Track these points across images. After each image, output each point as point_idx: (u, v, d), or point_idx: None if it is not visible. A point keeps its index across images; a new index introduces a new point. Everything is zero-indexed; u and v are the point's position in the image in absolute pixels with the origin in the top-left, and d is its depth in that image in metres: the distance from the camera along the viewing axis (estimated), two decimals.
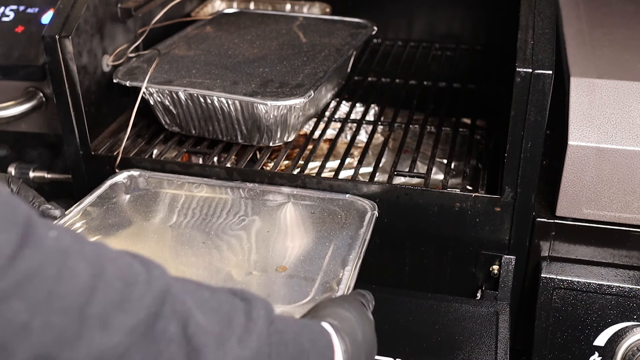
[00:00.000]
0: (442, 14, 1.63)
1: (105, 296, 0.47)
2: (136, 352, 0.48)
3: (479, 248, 1.05)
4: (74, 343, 0.45)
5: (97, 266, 0.47)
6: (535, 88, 0.93)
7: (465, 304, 0.99)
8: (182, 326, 0.51)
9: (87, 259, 0.47)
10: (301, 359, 0.60)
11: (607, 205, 0.98)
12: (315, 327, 0.66)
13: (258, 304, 0.58)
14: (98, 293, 0.46)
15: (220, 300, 0.57)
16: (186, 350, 0.51)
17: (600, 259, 1.02)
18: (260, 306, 0.58)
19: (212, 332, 0.53)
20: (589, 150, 0.95)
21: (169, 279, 0.52)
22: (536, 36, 0.97)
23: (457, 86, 1.41)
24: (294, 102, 1.08)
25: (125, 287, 0.48)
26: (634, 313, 0.99)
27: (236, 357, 0.53)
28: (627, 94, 0.97)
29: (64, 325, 0.44)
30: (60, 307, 0.44)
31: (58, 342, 0.44)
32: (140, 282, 0.49)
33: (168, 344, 0.50)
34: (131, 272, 0.50)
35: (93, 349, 0.45)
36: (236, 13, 1.50)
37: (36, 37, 1.24)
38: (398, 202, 1.05)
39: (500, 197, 1.01)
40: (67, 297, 0.45)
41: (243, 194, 1.07)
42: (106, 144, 1.19)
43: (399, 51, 1.60)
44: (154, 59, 1.21)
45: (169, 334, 0.50)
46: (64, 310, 0.45)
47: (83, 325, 0.45)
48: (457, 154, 1.19)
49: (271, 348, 0.57)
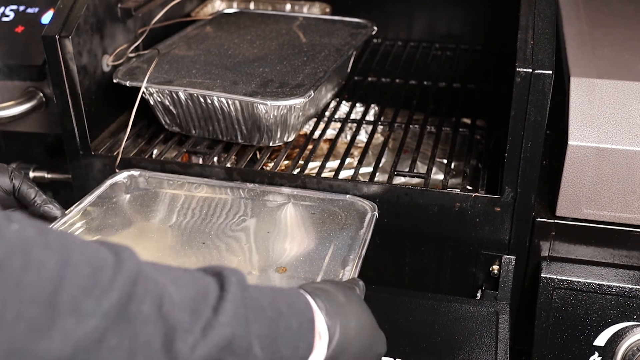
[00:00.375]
0: (442, 14, 1.63)
1: (75, 283, 0.46)
2: (112, 335, 0.48)
3: (479, 248, 1.05)
4: (47, 332, 0.45)
5: (63, 254, 0.47)
6: (535, 88, 0.93)
7: (465, 304, 0.99)
8: (156, 306, 0.51)
9: (52, 248, 0.47)
10: (280, 321, 0.60)
11: (607, 205, 0.98)
12: (291, 292, 0.65)
13: (230, 273, 0.58)
14: (66, 281, 0.46)
15: (193, 277, 0.57)
16: (163, 330, 0.51)
17: (600, 259, 1.02)
18: (232, 275, 0.58)
19: (186, 308, 0.53)
20: (589, 150, 0.95)
21: (138, 261, 0.52)
22: (536, 36, 0.97)
23: (457, 86, 1.41)
24: (294, 102, 1.08)
25: (94, 273, 0.48)
26: (634, 313, 0.99)
27: (214, 325, 0.53)
28: (627, 94, 0.97)
29: (36, 315, 0.44)
30: (29, 298, 0.44)
31: (31, 333, 0.44)
32: (109, 266, 0.49)
33: (144, 325, 0.50)
34: (99, 258, 0.49)
35: (68, 337, 0.45)
36: (236, 13, 1.50)
37: (36, 37, 1.24)
38: (398, 202, 1.05)
39: (500, 197, 1.01)
40: (36, 286, 0.45)
41: (243, 194, 1.07)
42: (106, 144, 1.19)
43: (399, 51, 1.60)
44: (154, 59, 1.21)
45: (144, 315, 0.50)
46: (34, 300, 0.44)
47: (55, 314, 0.45)
48: (457, 154, 1.19)
49: (247, 310, 0.57)
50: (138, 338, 0.49)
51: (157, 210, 1.04)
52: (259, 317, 0.58)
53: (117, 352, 0.48)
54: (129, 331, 0.49)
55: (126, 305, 0.49)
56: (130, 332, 0.49)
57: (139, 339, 0.49)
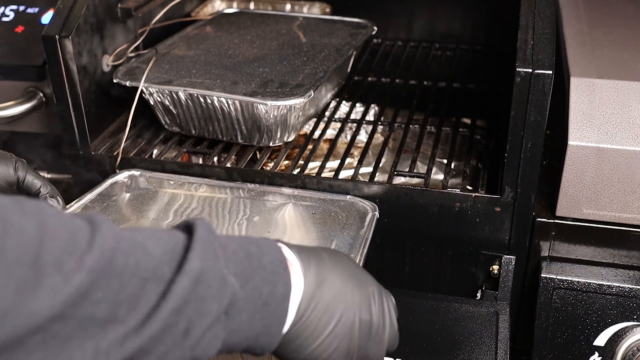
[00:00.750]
0: (442, 14, 1.63)
1: (55, 245, 0.48)
2: (97, 290, 0.49)
3: (479, 248, 1.05)
4: (36, 292, 0.46)
5: (41, 220, 0.49)
6: (535, 88, 0.93)
7: (465, 304, 0.99)
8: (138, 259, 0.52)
9: (29, 214, 0.48)
10: (252, 259, 0.61)
11: (607, 205, 0.98)
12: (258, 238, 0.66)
13: (198, 221, 0.60)
14: (47, 243, 0.48)
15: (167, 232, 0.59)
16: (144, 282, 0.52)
17: (600, 259, 1.02)
18: (200, 222, 0.59)
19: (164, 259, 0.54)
20: (589, 150, 0.95)
21: (113, 225, 0.54)
22: (536, 36, 0.97)
23: (457, 86, 1.41)
24: (294, 102, 1.08)
25: (73, 236, 0.50)
26: (634, 313, 0.99)
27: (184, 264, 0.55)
28: (627, 94, 0.97)
29: (22, 276, 0.46)
30: (14, 259, 0.45)
31: (21, 293, 0.45)
32: (86, 229, 0.51)
33: (130, 278, 0.51)
34: (75, 224, 0.51)
35: (57, 294, 0.47)
36: (236, 13, 1.50)
37: (36, 37, 1.24)
38: (398, 202, 1.05)
39: (500, 197, 1.01)
40: (18, 249, 0.46)
41: (243, 194, 1.07)
42: (106, 144, 1.19)
43: (399, 51, 1.60)
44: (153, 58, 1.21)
45: (131, 268, 0.51)
46: (19, 261, 0.46)
47: (40, 274, 0.46)
48: (457, 154, 1.19)
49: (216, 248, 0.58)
50: (124, 290, 0.51)
51: (156, 209, 1.04)
52: (229, 257, 0.59)
53: (102, 304, 0.50)
54: (114, 285, 0.50)
55: (111, 260, 0.50)
56: (115, 286, 0.50)
57: (124, 292, 0.51)
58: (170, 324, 0.53)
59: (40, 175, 0.98)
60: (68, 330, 0.48)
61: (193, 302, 0.55)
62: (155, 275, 0.53)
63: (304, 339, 0.64)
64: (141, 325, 0.52)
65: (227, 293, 0.57)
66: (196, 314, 0.55)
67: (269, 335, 0.62)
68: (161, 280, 0.53)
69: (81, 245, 0.49)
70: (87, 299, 0.49)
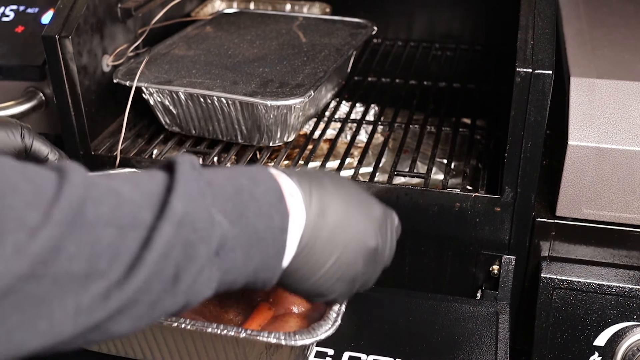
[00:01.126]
0: (442, 14, 1.63)
1: (17, 200, 0.45)
2: (70, 243, 0.46)
3: (479, 248, 1.05)
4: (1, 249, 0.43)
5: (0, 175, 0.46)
6: (535, 88, 0.93)
7: (465, 304, 0.99)
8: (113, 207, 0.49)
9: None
10: (242, 193, 0.57)
11: (607, 205, 0.98)
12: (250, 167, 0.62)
13: (180, 158, 0.56)
14: (7, 199, 0.45)
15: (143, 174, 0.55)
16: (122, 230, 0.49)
17: (600, 259, 1.02)
18: (182, 159, 0.56)
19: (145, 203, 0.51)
20: (589, 150, 0.95)
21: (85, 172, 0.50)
22: (536, 36, 0.97)
23: (457, 86, 1.41)
24: (294, 102, 1.08)
25: (37, 189, 0.46)
26: (634, 313, 0.99)
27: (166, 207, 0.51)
28: (627, 94, 0.97)
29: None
30: None
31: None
32: (52, 180, 0.48)
33: (106, 227, 0.48)
34: (40, 176, 0.48)
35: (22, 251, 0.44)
36: (236, 13, 1.50)
37: (36, 37, 1.24)
38: (398, 202, 1.05)
39: (500, 197, 1.01)
40: None
41: None
42: (106, 144, 1.19)
43: (399, 51, 1.60)
44: (153, 59, 1.21)
45: (104, 218, 0.48)
46: None
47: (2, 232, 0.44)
48: (457, 154, 1.19)
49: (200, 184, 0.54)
50: (100, 242, 0.48)
51: None
52: (217, 193, 0.55)
53: (77, 259, 0.46)
54: (87, 237, 0.47)
55: (81, 211, 0.47)
56: (89, 238, 0.47)
57: (101, 243, 0.48)
58: (156, 273, 0.50)
59: (47, 141, 0.94)
60: (44, 289, 0.45)
61: (178, 247, 0.51)
62: (135, 222, 0.50)
63: (306, 271, 0.61)
64: (124, 278, 0.48)
65: (215, 234, 0.54)
66: (184, 259, 0.52)
67: (267, 270, 0.59)
68: (141, 226, 0.50)
69: (47, 197, 0.46)
70: (58, 254, 0.45)
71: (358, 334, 0.93)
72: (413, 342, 0.93)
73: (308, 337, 0.72)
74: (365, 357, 0.89)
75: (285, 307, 0.84)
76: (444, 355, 0.91)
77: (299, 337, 0.72)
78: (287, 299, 0.84)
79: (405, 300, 1.00)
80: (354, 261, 0.64)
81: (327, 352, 0.89)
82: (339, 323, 0.75)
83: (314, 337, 0.73)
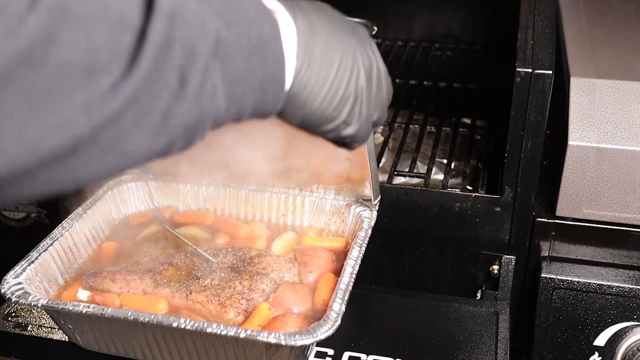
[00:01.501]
0: (442, 14, 1.63)
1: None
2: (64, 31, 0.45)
3: (479, 248, 1.05)
4: None
5: None
6: (535, 88, 0.93)
7: (465, 304, 0.99)
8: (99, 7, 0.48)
9: None
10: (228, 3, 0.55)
11: (607, 205, 0.98)
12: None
13: None
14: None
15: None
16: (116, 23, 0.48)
17: (600, 259, 1.02)
18: None
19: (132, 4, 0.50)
20: (589, 150, 0.95)
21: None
22: (536, 36, 0.97)
23: (457, 86, 1.41)
24: None
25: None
26: (634, 313, 0.99)
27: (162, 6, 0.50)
28: (627, 94, 0.97)
29: None
30: None
31: None
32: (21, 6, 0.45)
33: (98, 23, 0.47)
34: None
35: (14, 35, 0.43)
36: None
37: None
38: (398, 202, 1.05)
39: (500, 197, 1.01)
40: None
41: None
42: None
43: (399, 51, 1.60)
44: None
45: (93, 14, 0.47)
46: None
47: None
48: (457, 154, 1.19)
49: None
50: (94, 36, 0.47)
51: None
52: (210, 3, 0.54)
53: (75, 48, 0.46)
54: (80, 30, 0.46)
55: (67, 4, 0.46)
56: (83, 31, 0.46)
57: (96, 37, 0.47)
58: (158, 70, 0.50)
59: None
60: (47, 80, 0.44)
61: (175, 43, 0.51)
62: (125, 22, 0.49)
63: (309, 91, 0.62)
64: (128, 72, 0.48)
65: (210, 32, 0.53)
66: (184, 58, 0.51)
67: (273, 81, 0.58)
68: (133, 25, 0.49)
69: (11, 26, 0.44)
70: (54, 41, 0.45)
71: (358, 334, 0.93)
72: (413, 342, 0.93)
73: (308, 337, 0.72)
74: (365, 357, 0.89)
75: (285, 307, 0.84)
76: (444, 355, 0.91)
77: (299, 337, 0.72)
78: (287, 299, 0.84)
79: (405, 300, 1.00)
80: (355, 77, 0.65)
81: (327, 352, 0.89)
82: (339, 323, 0.75)
83: (314, 337, 0.73)
